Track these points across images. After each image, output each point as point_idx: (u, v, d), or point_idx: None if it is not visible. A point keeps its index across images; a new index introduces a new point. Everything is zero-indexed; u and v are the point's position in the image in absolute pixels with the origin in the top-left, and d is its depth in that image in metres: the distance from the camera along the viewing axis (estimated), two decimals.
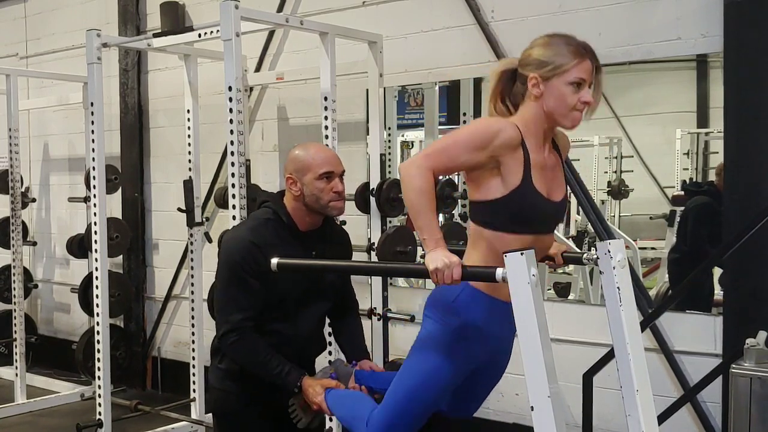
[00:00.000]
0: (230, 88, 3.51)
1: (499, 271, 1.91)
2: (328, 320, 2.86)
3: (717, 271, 3.78)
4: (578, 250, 4.11)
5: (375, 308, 4.19)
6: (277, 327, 2.58)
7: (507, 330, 2.25)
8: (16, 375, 5.63)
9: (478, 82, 4.44)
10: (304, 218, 2.62)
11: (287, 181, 2.60)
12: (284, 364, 2.51)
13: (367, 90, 4.35)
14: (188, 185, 4.79)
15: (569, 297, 4.61)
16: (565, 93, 2.14)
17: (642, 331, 2.52)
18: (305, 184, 2.56)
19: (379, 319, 4.17)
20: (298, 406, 2.56)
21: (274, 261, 2.36)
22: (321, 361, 2.91)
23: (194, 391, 4.98)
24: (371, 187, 4.18)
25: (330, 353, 3.93)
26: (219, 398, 2.69)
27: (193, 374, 4.98)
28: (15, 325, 5.62)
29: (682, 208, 4.06)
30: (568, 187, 4.25)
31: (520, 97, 2.22)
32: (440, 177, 3.97)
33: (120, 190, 5.82)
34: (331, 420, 4.08)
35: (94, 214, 4.37)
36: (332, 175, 2.59)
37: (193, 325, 4.96)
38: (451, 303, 2.20)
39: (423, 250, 2.07)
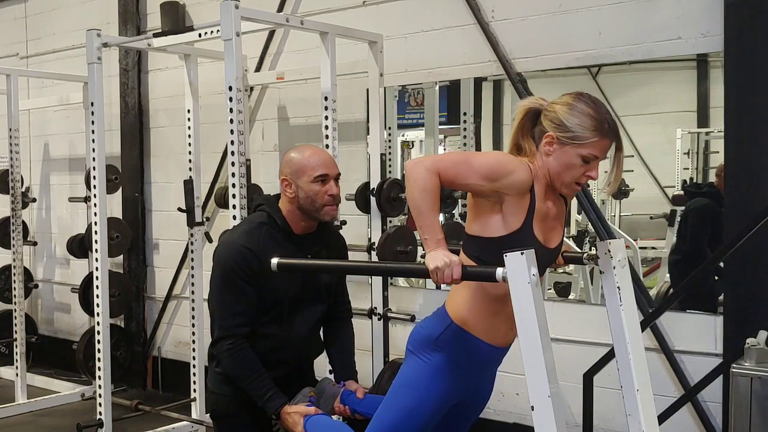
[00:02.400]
0: (230, 88, 3.51)
1: (499, 271, 1.91)
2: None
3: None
4: (579, 250, 4.11)
5: (375, 308, 4.19)
6: (271, 330, 2.58)
7: (491, 369, 2.29)
8: (17, 375, 5.63)
9: (478, 82, 4.44)
10: (299, 222, 2.61)
11: (282, 183, 2.60)
12: (269, 388, 2.51)
13: (368, 90, 4.35)
14: (188, 185, 4.79)
15: (570, 297, 4.60)
16: (574, 164, 2.13)
17: (642, 331, 2.53)
18: (300, 187, 2.56)
19: (379, 319, 4.17)
20: (281, 429, 2.57)
21: (275, 261, 2.36)
22: (319, 362, 2.91)
23: (195, 390, 4.98)
24: (372, 187, 4.18)
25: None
26: (217, 402, 2.69)
27: (194, 374, 4.98)
28: (15, 324, 5.62)
29: (683, 208, 4.05)
30: None
31: (538, 140, 2.19)
32: None
33: (120, 190, 5.82)
34: None
35: (95, 213, 4.37)
36: (327, 178, 2.58)
37: (193, 325, 4.96)
38: (434, 340, 2.21)
39: (423, 249, 2.07)
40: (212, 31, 3.98)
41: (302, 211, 2.58)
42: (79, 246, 5.60)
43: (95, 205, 4.34)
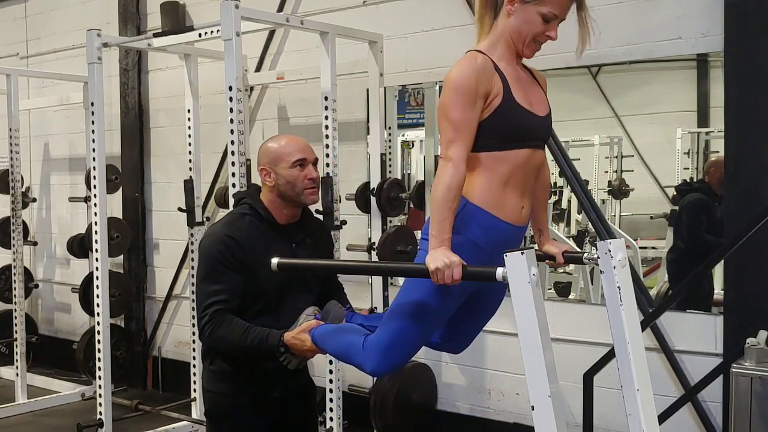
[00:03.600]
0: (231, 88, 3.51)
1: (499, 270, 1.91)
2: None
3: (717, 271, 3.78)
4: (579, 250, 4.11)
5: (375, 308, 4.19)
6: (261, 321, 2.55)
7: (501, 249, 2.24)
8: (17, 375, 5.63)
9: None
10: (282, 211, 2.61)
11: (261, 173, 2.61)
12: (262, 331, 2.47)
13: (368, 89, 4.36)
14: (189, 185, 4.79)
15: (570, 296, 4.60)
16: (535, 21, 2.17)
17: (642, 331, 2.52)
18: (279, 174, 2.57)
19: None
20: (291, 359, 2.50)
21: (275, 261, 2.35)
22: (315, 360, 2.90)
23: (195, 390, 4.98)
24: (372, 187, 4.18)
25: None
26: (212, 400, 2.68)
27: (194, 374, 4.98)
28: (16, 324, 5.62)
29: (678, 207, 4.06)
30: (569, 187, 4.27)
31: (498, 9, 2.23)
32: None
33: (120, 190, 5.82)
34: (331, 419, 4.09)
35: (95, 213, 4.37)
36: (305, 162, 2.59)
37: (193, 325, 4.96)
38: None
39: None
40: (212, 31, 3.98)
41: (283, 198, 2.59)
42: (80, 246, 5.61)
43: (95, 205, 4.34)
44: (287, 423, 2.66)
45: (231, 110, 3.52)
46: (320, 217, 3.75)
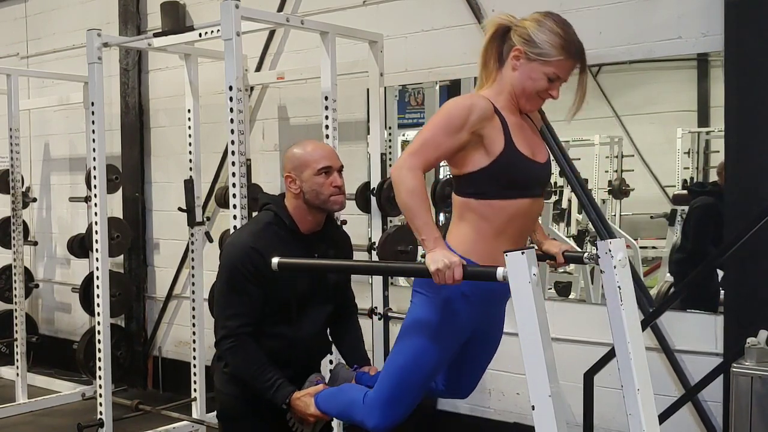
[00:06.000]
0: (231, 88, 3.51)
1: (500, 270, 1.91)
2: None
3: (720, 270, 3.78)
4: (579, 250, 4.11)
5: (376, 308, 4.19)
6: (280, 330, 2.57)
7: (497, 301, 2.25)
8: (17, 375, 5.63)
9: None
10: (306, 218, 2.61)
11: (286, 180, 2.60)
12: (276, 379, 2.49)
13: (368, 89, 4.35)
14: (189, 185, 4.79)
15: (570, 296, 4.61)
16: (539, 79, 2.18)
17: (643, 330, 2.52)
18: (304, 181, 2.56)
19: (380, 319, 4.18)
20: (295, 419, 2.55)
21: (275, 260, 2.36)
22: (327, 364, 2.91)
23: (195, 390, 4.98)
24: (372, 187, 4.18)
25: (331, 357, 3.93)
26: (224, 402, 2.68)
27: (194, 374, 4.98)
28: (16, 324, 5.62)
29: (683, 207, 4.05)
30: (570, 187, 4.26)
31: (503, 59, 2.24)
32: (440, 177, 3.97)
33: (121, 190, 5.82)
34: (332, 420, 4.08)
35: (95, 213, 4.37)
36: (331, 170, 2.58)
37: (194, 325, 4.96)
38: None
39: (423, 250, 2.07)
40: (212, 31, 3.98)
41: (309, 205, 2.58)
42: (80, 246, 5.61)
43: (96, 204, 4.34)
44: None
45: (231, 110, 3.51)
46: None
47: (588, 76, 2.24)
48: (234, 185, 3.56)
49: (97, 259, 4.40)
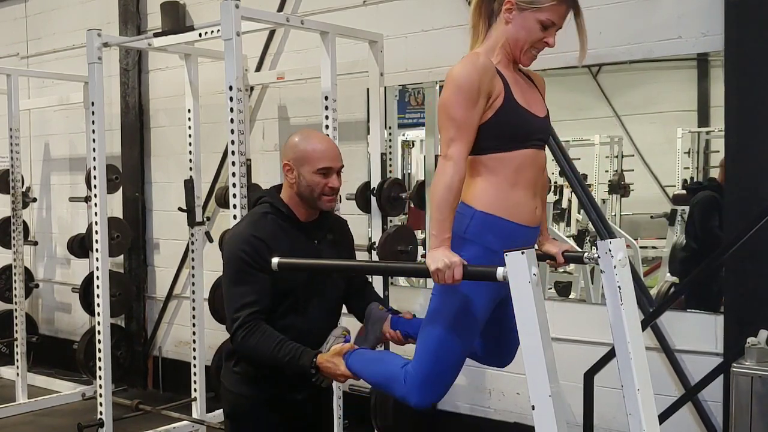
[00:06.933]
0: (231, 88, 3.51)
1: (500, 270, 1.91)
2: (345, 309, 2.80)
3: None
4: (579, 249, 4.11)
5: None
6: (289, 321, 2.53)
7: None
8: (18, 375, 5.63)
9: None
10: (301, 209, 2.59)
11: (284, 167, 2.57)
12: (295, 349, 2.42)
13: (368, 89, 4.36)
14: (189, 185, 4.79)
15: (570, 296, 4.61)
16: (533, 28, 2.17)
17: (643, 330, 2.52)
18: (302, 175, 2.53)
19: None
20: (323, 380, 2.46)
21: (275, 260, 2.35)
22: None
23: (195, 390, 4.98)
24: (372, 187, 4.18)
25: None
26: (233, 402, 2.65)
27: (194, 374, 4.98)
28: (16, 324, 5.62)
29: (683, 207, 4.05)
30: (570, 187, 4.26)
31: (493, 17, 2.24)
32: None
33: (121, 190, 5.82)
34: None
35: (95, 213, 4.37)
36: (330, 171, 2.56)
37: (194, 325, 4.96)
38: (463, 234, 2.15)
39: (424, 249, 2.07)
40: (212, 31, 3.98)
41: (301, 198, 2.57)
42: (80, 246, 5.61)
43: (96, 204, 4.34)
44: (305, 424, 2.65)
45: (231, 110, 3.51)
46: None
47: (583, 18, 2.22)
48: (234, 185, 3.56)
49: (97, 259, 4.40)
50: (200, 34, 4.08)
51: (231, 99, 3.51)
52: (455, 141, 2.08)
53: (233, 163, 3.55)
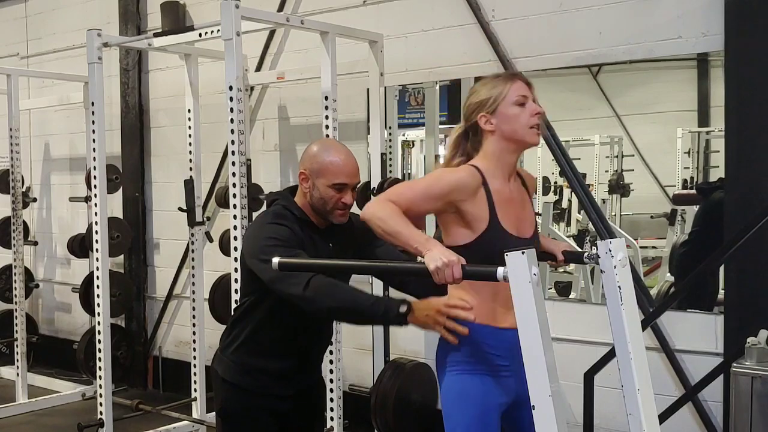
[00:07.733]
0: (231, 88, 3.51)
1: (500, 270, 1.90)
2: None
3: (721, 270, 3.77)
4: (579, 249, 4.11)
5: None
6: (290, 321, 2.53)
7: (512, 357, 2.23)
8: (18, 375, 5.63)
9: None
10: (313, 215, 2.59)
11: (300, 175, 2.55)
12: (377, 297, 2.42)
13: (368, 89, 4.36)
14: (189, 185, 4.80)
15: (570, 296, 4.61)
16: (515, 113, 2.24)
17: (643, 330, 2.52)
18: (316, 186, 2.52)
19: None
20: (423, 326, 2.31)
21: (275, 260, 2.34)
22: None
23: (195, 390, 4.98)
24: (372, 187, 4.18)
25: (331, 347, 3.94)
26: (225, 394, 2.62)
27: (195, 374, 4.98)
28: (16, 324, 5.62)
29: (683, 207, 4.05)
30: (570, 187, 4.26)
31: (479, 145, 2.30)
32: None
33: (121, 190, 5.82)
34: (332, 419, 4.09)
35: (95, 213, 4.37)
36: (345, 187, 2.54)
37: (194, 325, 4.96)
38: (448, 344, 2.24)
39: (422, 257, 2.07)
40: (212, 31, 3.98)
41: (312, 208, 2.56)
42: (80, 246, 5.61)
43: (96, 204, 4.34)
44: (297, 420, 2.66)
45: (231, 110, 3.52)
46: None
47: (534, 89, 2.30)
48: (234, 185, 3.56)
49: (97, 259, 4.40)
50: (200, 34, 4.08)
51: (231, 99, 3.51)
52: (402, 196, 2.17)
53: (233, 163, 3.55)
